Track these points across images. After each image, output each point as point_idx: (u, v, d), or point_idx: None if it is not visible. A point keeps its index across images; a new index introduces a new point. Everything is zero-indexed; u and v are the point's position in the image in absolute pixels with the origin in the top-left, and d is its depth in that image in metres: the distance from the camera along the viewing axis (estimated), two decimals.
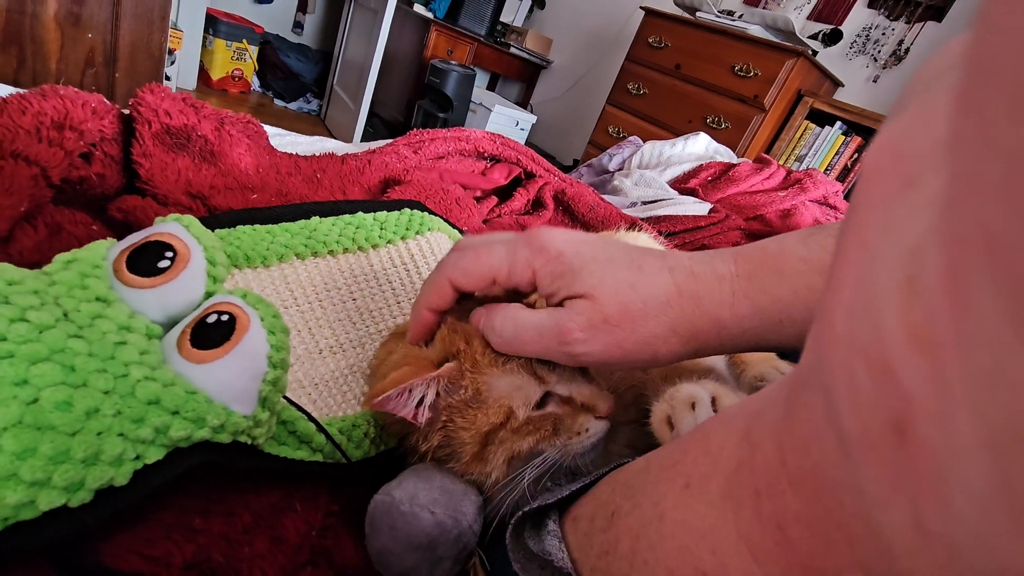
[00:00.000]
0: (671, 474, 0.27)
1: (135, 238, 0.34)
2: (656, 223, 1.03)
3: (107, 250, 0.33)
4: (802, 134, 2.34)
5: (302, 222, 0.49)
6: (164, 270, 0.33)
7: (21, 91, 0.45)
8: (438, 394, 0.37)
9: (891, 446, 0.13)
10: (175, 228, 0.35)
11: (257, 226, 0.46)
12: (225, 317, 0.31)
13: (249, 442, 0.30)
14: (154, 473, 0.26)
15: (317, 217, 0.50)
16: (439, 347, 0.39)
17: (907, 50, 2.32)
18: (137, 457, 0.26)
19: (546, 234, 0.36)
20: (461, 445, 0.37)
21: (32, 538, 0.23)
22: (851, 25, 2.49)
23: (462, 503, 0.33)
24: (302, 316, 0.45)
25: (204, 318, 0.31)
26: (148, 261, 0.33)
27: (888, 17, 2.38)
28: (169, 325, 0.33)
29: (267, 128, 0.76)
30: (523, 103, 3.90)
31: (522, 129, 3.27)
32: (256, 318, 0.32)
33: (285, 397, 0.34)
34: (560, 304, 0.35)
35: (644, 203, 1.20)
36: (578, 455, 0.38)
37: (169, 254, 0.33)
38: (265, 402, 0.31)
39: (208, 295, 0.35)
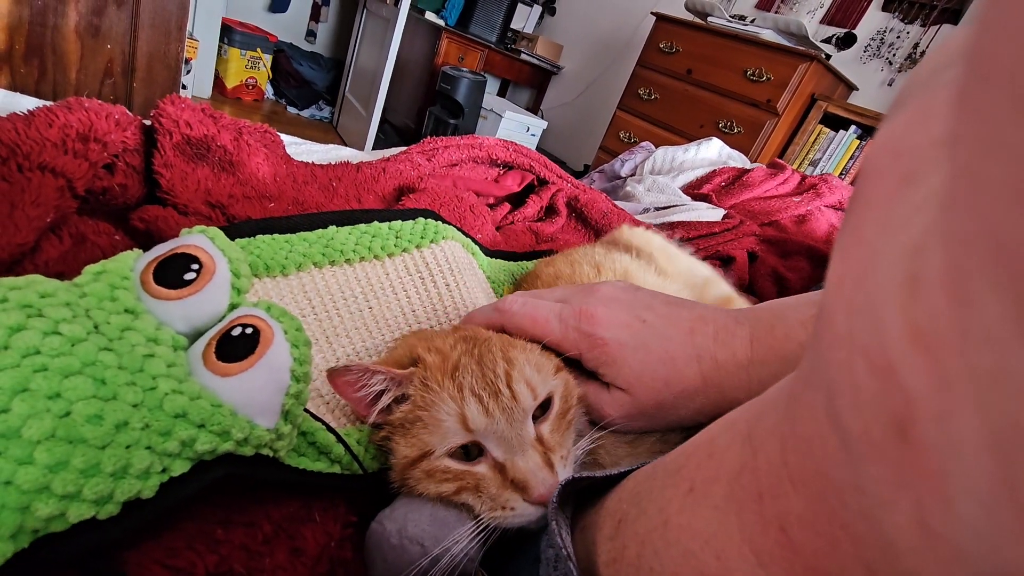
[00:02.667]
0: (676, 479, 0.27)
1: (161, 250, 0.34)
2: (669, 229, 1.03)
3: (134, 261, 0.34)
4: (816, 138, 2.32)
5: (319, 231, 0.49)
6: (190, 282, 0.33)
7: (47, 103, 0.46)
8: (397, 400, 0.37)
9: (893, 446, 0.13)
10: (201, 240, 0.36)
11: (276, 235, 0.47)
12: (249, 330, 0.31)
13: (271, 455, 0.31)
14: (179, 486, 0.27)
15: (334, 226, 0.51)
16: (401, 350, 0.41)
17: (923, 53, 2.30)
18: (164, 470, 0.26)
19: (599, 316, 0.40)
20: (394, 464, 0.36)
21: (59, 550, 0.23)
22: (865, 28, 2.47)
23: (455, 530, 0.33)
24: (320, 325, 0.45)
25: (229, 331, 0.32)
26: (174, 273, 0.33)
27: (903, 20, 2.36)
28: (194, 336, 0.33)
29: (283, 137, 0.77)
30: (534, 109, 3.91)
31: (533, 135, 3.28)
32: (280, 331, 0.32)
33: (305, 409, 0.34)
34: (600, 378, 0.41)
35: (657, 209, 1.20)
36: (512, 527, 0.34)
37: (195, 266, 0.34)
38: (287, 415, 0.31)
39: (232, 307, 0.35)
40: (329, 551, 0.30)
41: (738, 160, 1.57)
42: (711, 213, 1.14)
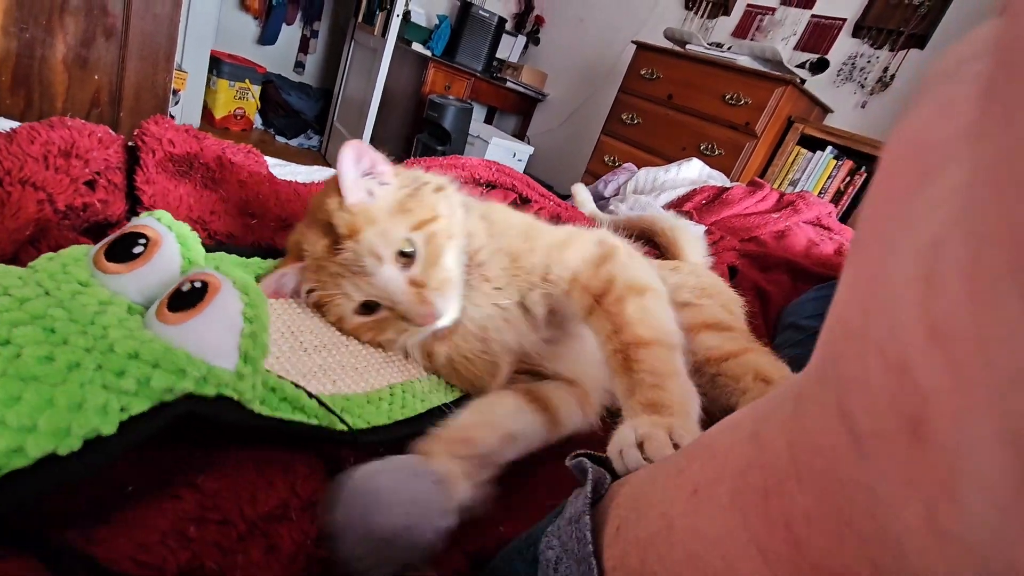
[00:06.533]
0: (678, 481, 0.26)
1: (112, 236, 0.36)
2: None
3: (88, 249, 0.35)
4: (794, 159, 2.37)
5: (271, 260, 0.53)
6: (139, 255, 0.34)
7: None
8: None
9: (905, 444, 0.13)
10: (147, 220, 0.37)
11: (235, 256, 0.50)
12: (199, 284, 0.33)
13: (236, 397, 0.31)
14: (143, 423, 0.27)
15: None
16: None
17: (892, 76, 2.38)
18: (123, 409, 0.27)
19: None
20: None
21: (26, 486, 0.24)
22: (837, 54, 2.56)
23: (429, 498, 0.33)
24: (283, 321, 0.47)
25: (179, 287, 0.33)
26: (123, 250, 0.35)
27: (872, 46, 2.45)
28: (149, 307, 0.34)
29: (268, 159, 0.77)
30: (520, 135, 3.97)
31: (519, 160, 3.33)
32: (228, 282, 0.33)
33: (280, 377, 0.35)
34: None
35: None
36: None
37: (142, 241, 0.35)
38: (247, 358, 0.32)
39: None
40: (305, 548, 0.30)
41: (718, 179, 1.60)
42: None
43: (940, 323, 0.12)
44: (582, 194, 1.30)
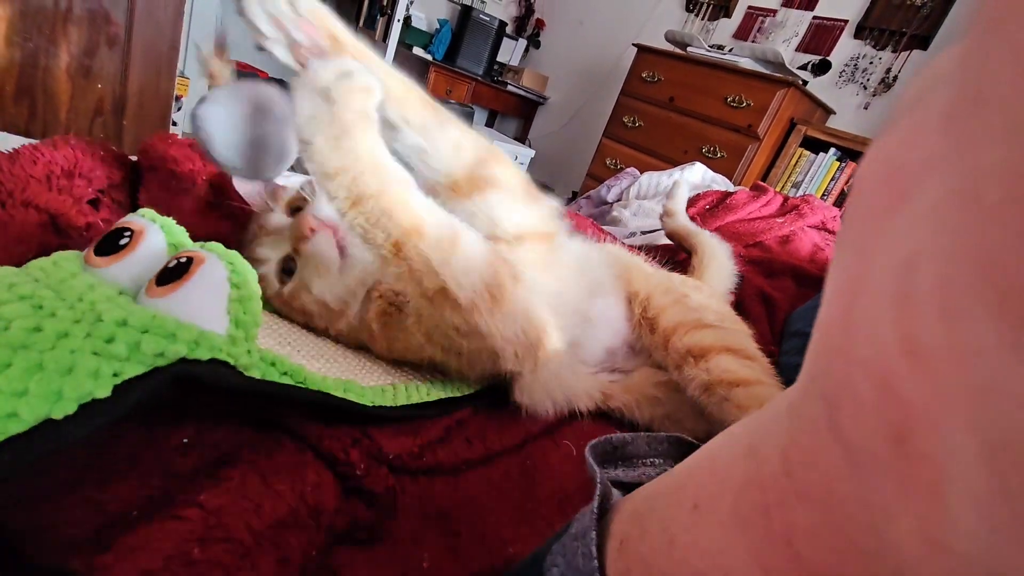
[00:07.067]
0: (679, 496, 0.26)
1: (100, 236, 0.37)
2: (656, 251, 1.04)
3: (80, 252, 0.37)
4: (797, 161, 2.37)
5: None
6: (124, 246, 0.36)
7: (33, 142, 0.47)
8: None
9: (893, 456, 0.13)
10: (131, 216, 0.39)
11: None
12: (184, 259, 0.34)
13: (231, 362, 0.32)
14: (138, 386, 0.28)
15: None
16: None
17: (895, 77, 2.38)
18: (116, 374, 0.27)
19: None
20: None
21: (24, 453, 0.24)
22: (839, 55, 2.56)
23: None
24: (277, 331, 0.48)
25: (166, 265, 0.34)
26: (110, 244, 0.36)
27: (874, 47, 2.45)
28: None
29: None
30: (521, 138, 3.97)
31: (521, 163, 3.33)
32: (213, 255, 0.35)
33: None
34: None
35: (643, 232, 1.22)
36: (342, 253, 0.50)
37: (127, 234, 0.37)
38: (238, 323, 0.34)
39: None
40: (314, 560, 0.30)
41: (721, 184, 1.59)
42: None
43: (915, 340, 0.12)
44: (680, 189, 1.13)
